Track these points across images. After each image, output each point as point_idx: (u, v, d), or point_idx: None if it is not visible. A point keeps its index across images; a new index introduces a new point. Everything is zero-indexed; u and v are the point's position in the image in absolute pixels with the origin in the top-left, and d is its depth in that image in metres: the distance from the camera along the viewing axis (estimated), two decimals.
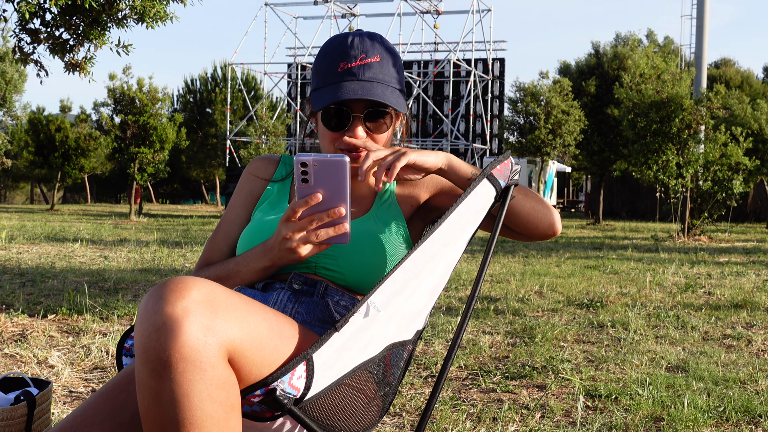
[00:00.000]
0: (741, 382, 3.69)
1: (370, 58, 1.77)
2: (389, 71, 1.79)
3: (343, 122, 1.76)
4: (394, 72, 1.80)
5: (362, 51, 1.76)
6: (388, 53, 1.80)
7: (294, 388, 1.32)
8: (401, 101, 1.79)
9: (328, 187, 1.53)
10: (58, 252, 9.70)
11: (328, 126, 1.78)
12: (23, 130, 31.02)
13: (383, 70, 1.77)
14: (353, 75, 1.75)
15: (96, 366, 3.79)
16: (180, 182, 44.78)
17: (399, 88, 1.81)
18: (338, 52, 1.77)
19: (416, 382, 3.60)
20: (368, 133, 1.78)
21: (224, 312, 1.28)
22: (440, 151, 1.76)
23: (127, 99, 20.90)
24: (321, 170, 1.51)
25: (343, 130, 1.77)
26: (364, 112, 1.76)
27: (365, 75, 1.75)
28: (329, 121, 1.77)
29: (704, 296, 6.73)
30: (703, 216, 15.20)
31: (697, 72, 22.00)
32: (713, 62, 41.54)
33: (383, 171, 1.62)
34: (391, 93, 1.76)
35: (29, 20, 5.32)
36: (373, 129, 1.78)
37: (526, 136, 22.18)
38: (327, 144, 1.81)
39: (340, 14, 28.92)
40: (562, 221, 2.36)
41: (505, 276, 7.91)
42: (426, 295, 1.58)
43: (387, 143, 1.83)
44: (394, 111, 1.81)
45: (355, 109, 1.76)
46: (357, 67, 1.76)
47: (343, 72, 1.75)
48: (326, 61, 1.79)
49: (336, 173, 1.52)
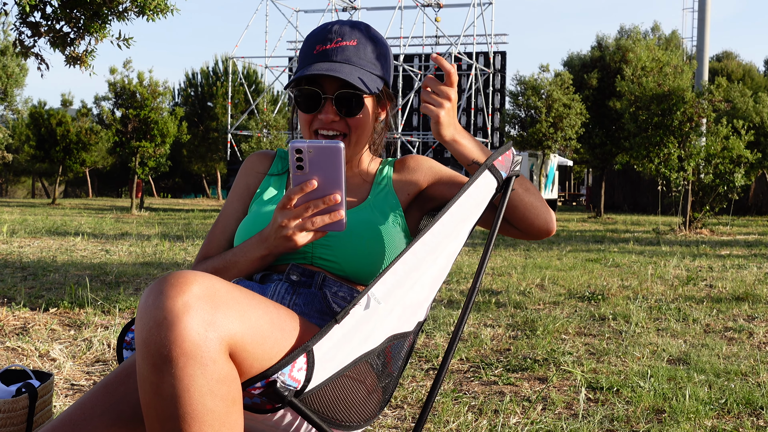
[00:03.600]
0: (742, 375, 3.69)
1: (346, 42, 1.76)
2: (366, 56, 1.77)
3: (314, 103, 1.76)
4: (373, 57, 1.78)
5: (339, 35, 1.76)
6: (369, 40, 1.79)
7: (294, 380, 1.32)
8: (374, 85, 1.76)
9: (323, 174, 1.52)
10: (59, 246, 9.70)
11: (300, 107, 1.78)
12: (24, 124, 31.05)
13: (359, 54, 1.76)
14: (326, 57, 1.75)
15: (97, 359, 3.79)
16: (181, 176, 44.79)
17: (377, 74, 1.79)
18: (317, 37, 1.78)
19: (417, 375, 3.60)
20: (341, 117, 1.76)
21: (225, 306, 1.28)
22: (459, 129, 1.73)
23: (128, 93, 20.88)
24: (316, 157, 1.51)
25: (315, 112, 1.76)
26: (335, 93, 1.74)
27: (338, 57, 1.74)
28: (300, 102, 1.77)
29: (706, 289, 6.73)
30: (705, 209, 15.19)
31: (698, 65, 21.95)
32: (715, 55, 41.49)
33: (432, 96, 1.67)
34: (363, 75, 1.74)
35: (30, 13, 5.31)
36: (345, 112, 1.76)
37: (528, 129, 22.16)
38: (303, 126, 1.81)
39: (341, 8, 28.86)
40: (563, 214, 2.36)
41: (507, 269, 7.91)
42: (427, 287, 1.57)
43: (363, 129, 1.80)
44: (373, 96, 1.80)
45: (327, 90, 1.75)
46: (331, 49, 1.75)
47: (318, 54, 1.75)
48: (305, 46, 1.80)
49: (331, 160, 1.51)
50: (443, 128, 1.69)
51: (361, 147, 1.85)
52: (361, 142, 1.83)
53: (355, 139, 1.80)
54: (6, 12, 5.29)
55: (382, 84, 1.81)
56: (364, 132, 1.81)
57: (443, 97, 1.67)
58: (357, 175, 1.90)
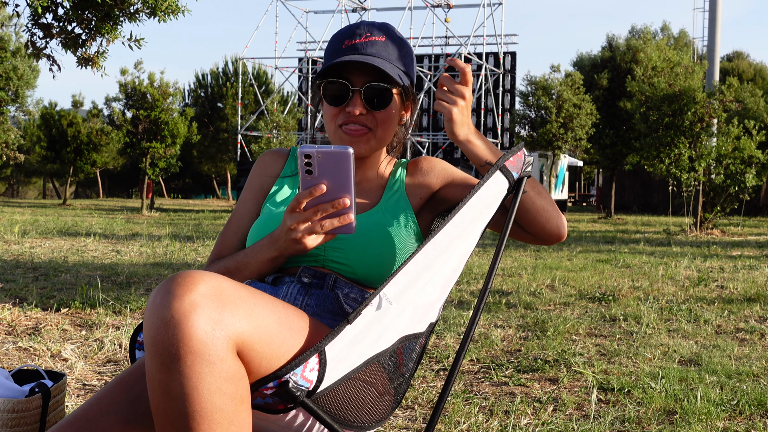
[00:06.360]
0: (754, 376, 3.68)
1: (375, 37, 1.76)
2: (394, 52, 1.77)
3: (342, 96, 1.76)
4: (400, 56, 1.79)
5: (368, 31, 1.77)
6: (395, 39, 1.79)
7: (306, 381, 1.32)
8: (404, 79, 1.77)
9: (332, 179, 1.52)
10: (70, 246, 9.74)
11: (327, 99, 1.78)
12: (35, 125, 31.18)
13: (387, 49, 1.76)
14: (356, 50, 1.75)
15: (109, 359, 3.81)
16: (191, 177, 44.88)
17: (404, 70, 1.79)
18: (345, 34, 1.78)
19: (428, 376, 3.60)
20: (368, 110, 1.76)
21: (232, 305, 1.28)
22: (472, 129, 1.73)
23: (138, 94, 20.97)
24: (325, 162, 1.50)
25: (343, 105, 1.76)
26: (364, 86, 1.74)
27: (368, 50, 1.75)
28: (329, 94, 1.77)
29: (717, 290, 6.70)
30: (716, 210, 15.13)
31: (709, 65, 21.85)
32: (726, 55, 41.27)
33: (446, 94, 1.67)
34: (392, 69, 1.74)
35: (42, 15, 5.34)
36: (373, 104, 1.76)
37: (538, 129, 22.11)
38: (328, 121, 1.80)
39: (350, 8, 28.85)
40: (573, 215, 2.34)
41: (517, 270, 7.90)
42: (439, 288, 1.57)
43: (389, 125, 1.81)
44: (398, 91, 1.79)
45: (356, 83, 1.75)
46: (360, 43, 1.76)
47: (347, 48, 1.76)
48: (332, 43, 1.80)
49: (340, 165, 1.50)
50: (456, 126, 1.68)
51: (383, 144, 1.85)
52: (384, 139, 1.83)
53: (381, 134, 1.80)
54: (18, 14, 5.32)
55: (409, 82, 1.81)
56: (390, 128, 1.81)
57: (457, 95, 1.67)
58: (371, 176, 1.89)
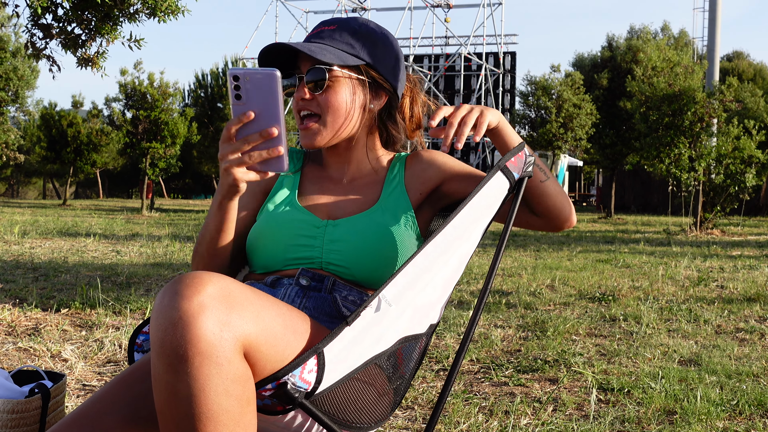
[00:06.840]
0: (754, 376, 3.68)
1: (326, 27, 1.77)
2: (344, 38, 1.74)
3: (294, 85, 1.74)
4: (354, 41, 1.75)
5: (325, 24, 1.78)
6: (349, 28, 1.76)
7: (305, 382, 1.32)
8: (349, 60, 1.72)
9: (260, 105, 1.44)
10: (70, 247, 9.74)
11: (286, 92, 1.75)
12: (35, 125, 31.16)
13: (333, 36, 1.75)
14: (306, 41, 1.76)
15: (109, 360, 3.81)
16: (191, 177, 44.86)
17: (354, 54, 1.74)
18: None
19: (428, 376, 3.60)
20: (312, 94, 1.72)
21: (239, 307, 1.27)
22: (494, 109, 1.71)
23: (138, 94, 20.97)
24: (252, 86, 1.43)
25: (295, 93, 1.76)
26: (307, 72, 1.72)
27: (312, 40, 1.75)
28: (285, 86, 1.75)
29: (717, 290, 6.70)
30: (716, 209, 15.13)
31: (709, 65, 21.85)
32: (725, 55, 41.27)
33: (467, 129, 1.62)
34: (331, 51, 1.70)
35: (41, 15, 5.34)
36: (313, 87, 1.71)
37: (538, 129, 22.10)
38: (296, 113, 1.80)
39: (350, 8, 28.87)
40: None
41: (517, 270, 7.90)
42: (439, 289, 1.57)
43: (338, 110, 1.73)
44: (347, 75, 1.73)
45: (302, 71, 1.73)
46: (312, 35, 1.77)
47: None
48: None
49: (267, 89, 1.43)
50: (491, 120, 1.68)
51: (338, 131, 1.76)
52: (336, 125, 1.74)
53: (330, 119, 1.73)
54: (18, 14, 5.32)
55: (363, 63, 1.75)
56: (338, 113, 1.73)
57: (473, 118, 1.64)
58: (367, 171, 1.85)
